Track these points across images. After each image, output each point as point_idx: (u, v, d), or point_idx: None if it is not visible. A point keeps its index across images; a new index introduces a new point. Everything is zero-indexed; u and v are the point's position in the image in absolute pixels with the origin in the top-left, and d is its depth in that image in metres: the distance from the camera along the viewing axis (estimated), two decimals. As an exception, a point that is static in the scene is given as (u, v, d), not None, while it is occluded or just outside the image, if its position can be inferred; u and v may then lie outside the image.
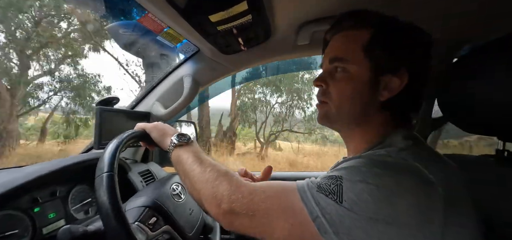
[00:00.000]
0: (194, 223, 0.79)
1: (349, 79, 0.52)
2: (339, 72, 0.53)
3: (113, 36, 1.21)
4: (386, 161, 0.42)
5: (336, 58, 0.53)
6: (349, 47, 0.53)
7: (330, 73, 0.55)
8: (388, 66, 0.50)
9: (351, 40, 0.53)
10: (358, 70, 0.51)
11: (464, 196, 0.42)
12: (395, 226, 0.36)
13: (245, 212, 0.45)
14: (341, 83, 0.53)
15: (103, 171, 0.52)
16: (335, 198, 0.39)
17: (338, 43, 0.55)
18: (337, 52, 0.54)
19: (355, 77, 0.51)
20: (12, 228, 0.62)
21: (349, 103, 0.52)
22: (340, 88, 0.53)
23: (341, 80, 0.53)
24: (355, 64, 0.51)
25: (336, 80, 0.53)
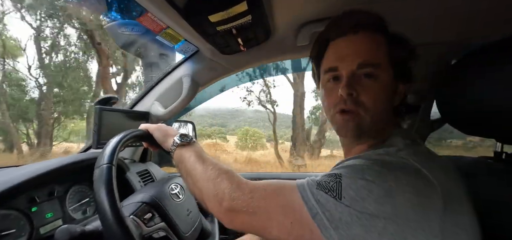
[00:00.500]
0: (191, 224, 0.79)
1: (382, 86, 0.49)
2: (367, 78, 0.49)
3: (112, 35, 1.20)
4: (385, 160, 0.42)
5: (369, 63, 0.48)
6: (378, 51, 0.49)
7: (357, 78, 0.49)
8: (403, 73, 0.52)
9: (378, 44, 0.50)
10: (386, 76, 0.49)
11: (462, 196, 0.42)
12: (394, 222, 0.36)
13: (245, 210, 0.45)
14: (376, 91, 0.49)
15: (103, 163, 0.52)
16: (334, 195, 0.40)
17: (363, 45, 0.50)
18: (368, 56, 0.49)
19: (386, 84, 0.49)
20: (9, 228, 0.62)
21: (384, 112, 0.50)
22: (376, 96, 0.49)
23: (374, 88, 0.49)
24: (385, 71, 0.49)
25: (366, 87, 0.49)
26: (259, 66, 1.14)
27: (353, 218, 0.37)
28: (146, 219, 0.65)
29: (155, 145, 0.67)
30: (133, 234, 0.49)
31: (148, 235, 0.64)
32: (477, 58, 0.60)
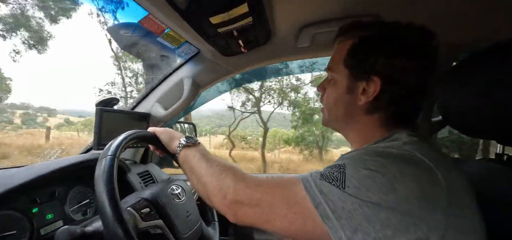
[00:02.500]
0: (191, 226, 0.78)
1: (333, 86, 0.57)
2: (329, 79, 0.59)
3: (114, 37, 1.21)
4: (390, 152, 0.43)
5: (328, 68, 0.59)
6: (335, 57, 0.57)
7: (327, 80, 0.61)
8: (361, 74, 0.52)
9: (338, 51, 0.57)
10: (339, 78, 0.56)
11: (467, 193, 0.42)
12: (397, 213, 0.36)
13: (249, 202, 0.47)
14: (329, 90, 0.59)
15: (106, 154, 0.54)
16: (338, 184, 0.40)
17: (333, 52, 0.60)
18: (330, 61, 0.59)
19: (337, 84, 0.56)
20: (10, 229, 0.62)
21: (334, 108, 0.58)
22: (328, 94, 0.59)
23: (328, 87, 0.59)
24: (337, 72, 0.56)
25: (327, 87, 0.60)
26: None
27: (355, 207, 0.38)
28: (143, 213, 0.65)
29: (161, 148, 0.70)
30: (128, 223, 0.50)
31: (144, 230, 0.63)
32: (478, 59, 0.60)
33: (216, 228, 0.98)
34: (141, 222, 0.63)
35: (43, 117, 14.25)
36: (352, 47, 0.54)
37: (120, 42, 1.14)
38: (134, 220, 0.62)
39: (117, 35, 1.15)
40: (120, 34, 1.14)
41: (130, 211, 0.63)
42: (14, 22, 6.92)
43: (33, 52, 7.40)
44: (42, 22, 7.37)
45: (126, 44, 1.18)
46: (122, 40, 1.16)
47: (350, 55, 0.54)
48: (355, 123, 0.56)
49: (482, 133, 0.63)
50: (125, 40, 1.15)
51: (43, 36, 7.32)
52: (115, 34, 1.06)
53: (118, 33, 1.14)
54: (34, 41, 7.18)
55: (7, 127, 11.41)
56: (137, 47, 1.24)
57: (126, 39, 1.15)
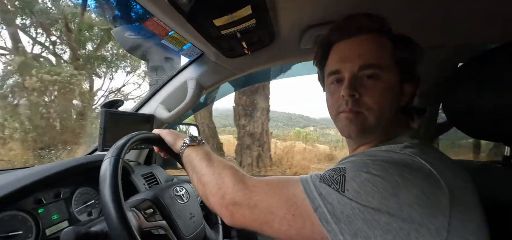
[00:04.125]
0: (194, 229, 0.78)
1: (385, 87, 0.49)
2: (371, 79, 0.49)
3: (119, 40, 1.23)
4: (391, 156, 0.42)
5: (370, 65, 0.49)
6: (380, 52, 0.50)
7: (358, 79, 0.50)
8: (410, 74, 0.52)
9: (379, 45, 0.50)
10: (391, 77, 0.50)
11: (470, 196, 0.41)
12: (398, 218, 0.35)
13: (247, 203, 0.46)
14: (379, 91, 0.49)
15: (111, 155, 0.54)
16: (338, 188, 0.39)
17: (365, 47, 0.51)
18: (369, 57, 0.49)
19: (390, 84, 0.50)
20: (16, 229, 0.63)
21: (388, 112, 0.50)
22: (380, 96, 0.49)
23: (378, 88, 0.49)
24: (389, 72, 0.50)
25: (369, 88, 0.49)
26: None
27: (355, 212, 0.37)
28: (146, 214, 0.65)
29: (166, 150, 0.70)
30: (131, 224, 0.50)
31: (147, 230, 0.64)
32: (485, 60, 0.59)
33: (219, 230, 0.98)
34: (145, 223, 0.63)
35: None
36: (398, 45, 0.51)
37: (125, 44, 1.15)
38: (138, 221, 0.62)
39: (122, 37, 1.16)
40: (125, 36, 1.16)
41: (134, 212, 0.63)
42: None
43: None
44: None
45: (131, 46, 1.19)
46: (127, 42, 1.17)
47: (399, 52, 0.50)
48: (388, 127, 0.52)
49: (488, 135, 0.62)
50: (130, 42, 1.16)
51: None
52: (120, 36, 1.08)
53: (123, 35, 1.15)
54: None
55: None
56: (141, 49, 1.25)
57: (131, 41, 1.16)
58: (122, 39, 1.16)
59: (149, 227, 0.64)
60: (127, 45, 1.17)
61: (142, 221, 0.63)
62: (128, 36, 1.10)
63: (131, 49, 1.17)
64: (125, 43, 1.16)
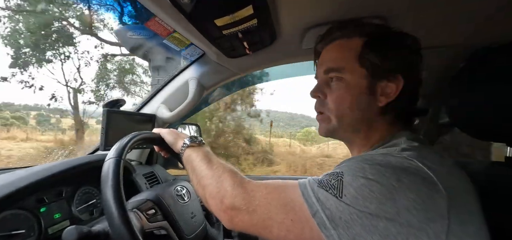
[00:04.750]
0: (195, 228, 0.79)
1: (346, 88, 0.52)
2: (334, 82, 0.53)
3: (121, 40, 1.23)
4: (388, 159, 0.42)
5: (331, 69, 0.54)
6: (343, 56, 0.53)
7: (326, 83, 0.55)
8: (383, 72, 0.51)
9: (344, 49, 0.53)
10: (354, 78, 0.52)
11: (469, 198, 0.41)
12: (396, 223, 0.35)
13: (246, 208, 0.46)
14: (338, 93, 0.53)
15: (112, 156, 0.54)
16: (335, 193, 0.39)
17: (331, 53, 0.56)
18: (331, 62, 0.54)
19: (352, 85, 0.52)
20: (19, 228, 0.63)
21: (349, 112, 0.53)
22: (338, 97, 0.53)
23: (337, 90, 0.53)
24: (351, 73, 0.52)
25: (332, 90, 0.54)
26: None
27: (353, 217, 0.37)
28: (148, 214, 0.66)
29: (166, 149, 0.70)
30: (134, 226, 0.50)
31: (149, 231, 0.64)
32: (487, 60, 0.59)
33: (220, 229, 0.98)
34: (147, 224, 0.64)
35: (56, 118, 14.49)
36: (368, 45, 0.51)
37: (127, 44, 1.15)
38: (140, 222, 0.63)
39: (124, 37, 1.17)
40: (127, 37, 1.16)
41: (136, 213, 0.63)
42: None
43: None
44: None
45: (133, 46, 1.20)
46: (129, 42, 1.17)
47: (367, 53, 0.51)
48: (368, 127, 0.53)
49: (490, 136, 0.62)
50: (132, 42, 1.17)
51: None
52: (122, 36, 1.08)
53: (125, 35, 1.15)
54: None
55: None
56: (143, 49, 1.26)
57: (133, 41, 1.16)
58: (124, 39, 1.16)
59: (151, 228, 0.64)
60: (129, 45, 1.18)
61: (144, 222, 0.63)
62: (130, 36, 1.10)
63: (133, 49, 1.17)
64: (127, 43, 1.16)
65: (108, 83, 8.35)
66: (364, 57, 0.51)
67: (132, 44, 1.17)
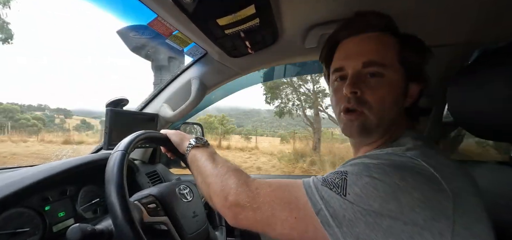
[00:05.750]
0: (196, 227, 0.79)
1: (389, 86, 0.49)
2: (374, 77, 0.49)
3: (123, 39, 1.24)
4: (393, 159, 0.42)
5: (374, 62, 0.49)
6: (385, 50, 0.50)
7: (362, 77, 0.50)
8: (415, 73, 0.51)
9: (385, 44, 0.50)
10: (395, 76, 0.49)
11: (474, 199, 0.41)
12: (400, 221, 0.35)
13: (250, 205, 0.46)
14: (382, 90, 0.49)
15: (118, 149, 0.57)
16: (339, 191, 0.39)
17: (371, 45, 0.50)
18: (373, 55, 0.49)
19: (394, 83, 0.49)
20: (24, 226, 0.64)
21: (389, 112, 0.49)
22: (382, 95, 0.49)
23: (381, 87, 0.49)
24: (393, 70, 0.49)
25: (371, 86, 0.49)
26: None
27: (357, 215, 0.37)
28: (149, 208, 0.66)
29: (171, 150, 0.72)
30: (133, 214, 0.52)
31: (150, 224, 0.64)
32: (491, 60, 0.58)
33: (223, 232, 0.98)
34: (147, 216, 0.64)
35: (60, 118, 14.66)
36: (404, 44, 0.50)
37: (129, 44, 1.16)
38: (141, 214, 0.63)
39: (127, 37, 1.17)
40: (129, 36, 1.16)
41: (136, 204, 0.64)
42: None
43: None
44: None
45: (136, 46, 1.20)
46: (132, 42, 1.18)
47: (406, 51, 0.50)
48: (391, 127, 0.51)
49: (495, 135, 0.61)
50: (135, 42, 1.17)
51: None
52: (125, 36, 1.09)
53: (127, 35, 1.16)
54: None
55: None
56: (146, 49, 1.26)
57: (135, 41, 1.17)
58: (127, 39, 1.17)
59: (151, 221, 0.65)
60: (132, 44, 1.18)
61: (144, 214, 0.64)
62: (133, 36, 1.11)
63: (136, 49, 1.18)
64: (129, 42, 1.17)
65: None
66: (404, 56, 0.50)
67: (134, 43, 1.18)
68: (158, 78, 1.67)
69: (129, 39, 1.17)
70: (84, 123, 15.65)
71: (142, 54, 1.27)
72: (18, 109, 14.36)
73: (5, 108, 14.42)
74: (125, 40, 1.18)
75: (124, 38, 1.05)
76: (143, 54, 1.28)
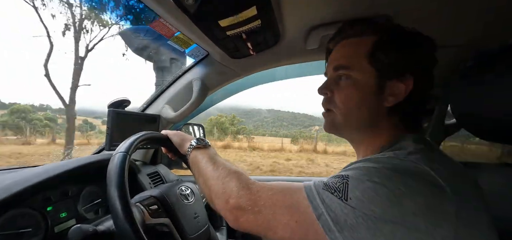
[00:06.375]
0: (198, 229, 0.79)
1: (354, 86, 0.52)
2: (343, 79, 0.54)
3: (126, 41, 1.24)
4: (394, 163, 0.41)
5: (340, 66, 0.54)
6: (352, 54, 0.53)
7: (334, 80, 0.55)
8: (392, 72, 0.50)
9: (354, 48, 0.53)
10: (362, 77, 0.51)
11: (478, 203, 0.40)
12: (402, 227, 0.35)
13: (251, 208, 0.46)
14: (346, 91, 0.53)
15: (119, 151, 0.57)
16: (340, 196, 0.39)
17: (342, 51, 0.56)
18: (341, 60, 0.55)
19: (360, 83, 0.52)
20: (26, 226, 0.64)
21: (355, 110, 0.53)
22: (346, 95, 0.53)
23: (346, 88, 0.53)
24: (360, 71, 0.51)
25: (340, 87, 0.54)
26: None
27: (359, 220, 0.37)
28: (151, 209, 0.66)
29: (173, 151, 0.72)
30: (135, 216, 0.52)
31: (151, 225, 0.64)
32: (494, 60, 0.58)
33: (224, 233, 0.98)
34: (149, 218, 0.64)
35: (62, 119, 14.72)
36: (379, 44, 0.51)
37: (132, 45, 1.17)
38: (142, 215, 0.63)
39: (129, 38, 1.18)
40: (132, 38, 1.17)
41: (138, 206, 0.64)
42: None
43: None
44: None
45: (138, 47, 1.21)
46: (134, 43, 1.19)
47: (377, 51, 0.50)
48: (374, 127, 0.53)
49: (498, 137, 0.61)
50: (137, 43, 1.18)
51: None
52: (127, 37, 1.09)
53: (130, 36, 1.17)
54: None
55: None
56: (148, 50, 1.27)
57: (137, 42, 1.17)
58: (129, 40, 1.17)
59: (153, 223, 0.65)
60: (134, 46, 1.19)
61: (146, 216, 0.64)
62: (135, 37, 1.11)
63: (138, 50, 1.18)
64: (132, 44, 1.17)
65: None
66: (374, 56, 0.51)
67: (137, 45, 1.18)
68: (160, 79, 1.68)
69: (131, 41, 1.17)
70: (87, 123, 15.73)
71: (144, 55, 1.27)
72: (31, 109, 14.42)
73: (18, 108, 14.49)
74: (127, 41, 1.18)
75: (126, 39, 1.05)
76: (145, 56, 1.28)
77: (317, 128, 11.71)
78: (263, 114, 27.38)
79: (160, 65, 1.63)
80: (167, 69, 1.57)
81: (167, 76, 1.62)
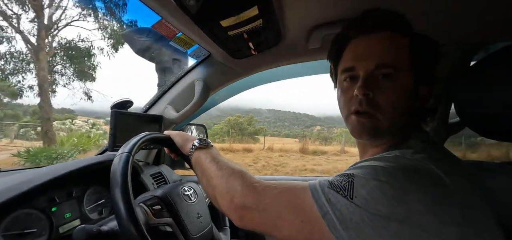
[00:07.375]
0: (201, 229, 0.79)
1: (401, 89, 0.47)
2: (386, 79, 0.47)
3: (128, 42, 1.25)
4: (401, 162, 0.41)
5: (385, 64, 0.47)
6: (396, 51, 0.48)
7: (374, 79, 0.48)
8: (426, 75, 0.49)
9: (397, 45, 0.48)
10: (406, 79, 0.48)
11: (482, 202, 0.40)
12: (408, 226, 0.35)
13: (255, 207, 0.46)
14: (395, 93, 0.47)
15: (122, 152, 0.57)
16: (346, 194, 0.39)
17: (383, 45, 0.49)
18: (386, 56, 0.48)
19: (405, 86, 0.47)
20: (31, 226, 0.65)
21: (400, 115, 0.48)
22: (395, 99, 0.47)
23: (393, 90, 0.47)
24: (404, 72, 0.47)
25: (383, 88, 0.47)
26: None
27: (364, 219, 0.36)
28: (154, 210, 0.67)
29: (175, 151, 0.72)
30: (139, 217, 0.52)
31: (154, 226, 0.65)
32: (497, 59, 0.57)
33: (227, 233, 0.98)
34: (152, 218, 0.65)
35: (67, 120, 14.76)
36: (414, 44, 0.48)
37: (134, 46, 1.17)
38: (146, 216, 0.64)
39: (131, 39, 1.19)
40: (134, 39, 1.18)
41: (141, 207, 0.64)
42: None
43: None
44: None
45: (140, 48, 1.21)
46: (136, 44, 1.19)
47: (416, 53, 0.48)
48: (399, 130, 0.50)
49: (502, 135, 0.60)
50: (139, 45, 1.19)
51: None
52: (129, 38, 1.10)
53: (132, 37, 1.17)
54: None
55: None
56: (150, 51, 1.27)
57: (140, 44, 1.18)
58: (131, 41, 1.18)
59: (156, 223, 0.65)
60: (136, 47, 1.19)
61: (149, 216, 0.64)
62: (138, 38, 1.12)
63: (140, 51, 1.19)
64: (134, 45, 1.18)
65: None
66: (415, 57, 0.48)
67: (139, 46, 1.19)
68: (162, 79, 1.69)
69: (133, 42, 1.18)
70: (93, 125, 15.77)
71: (147, 56, 1.28)
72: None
73: (35, 110, 14.44)
74: (129, 42, 1.19)
75: (128, 40, 1.06)
76: (148, 56, 1.28)
77: (337, 129, 11.67)
78: (264, 114, 27.37)
79: (162, 65, 1.63)
80: (169, 70, 1.58)
81: (169, 76, 1.63)
